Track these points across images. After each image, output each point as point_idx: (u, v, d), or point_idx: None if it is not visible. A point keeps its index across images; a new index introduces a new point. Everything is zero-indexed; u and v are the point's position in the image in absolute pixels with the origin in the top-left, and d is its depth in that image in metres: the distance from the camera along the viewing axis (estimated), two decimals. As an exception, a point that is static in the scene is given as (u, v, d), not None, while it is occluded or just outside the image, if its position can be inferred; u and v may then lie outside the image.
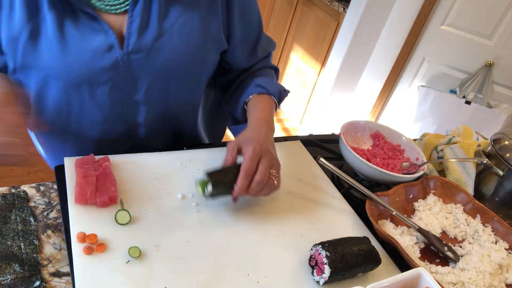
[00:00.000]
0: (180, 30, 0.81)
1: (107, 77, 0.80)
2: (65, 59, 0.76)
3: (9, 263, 0.64)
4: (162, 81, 0.85)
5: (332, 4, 2.59)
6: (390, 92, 2.53)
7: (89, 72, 0.78)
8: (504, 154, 0.98)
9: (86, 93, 0.82)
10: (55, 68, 0.77)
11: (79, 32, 0.76)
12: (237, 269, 0.68)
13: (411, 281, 0.67)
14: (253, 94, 0.92)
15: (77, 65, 0.77)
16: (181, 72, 0.85)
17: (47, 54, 0.76)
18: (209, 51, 0.88)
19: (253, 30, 0.94)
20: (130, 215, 0.71)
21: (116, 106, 0.85)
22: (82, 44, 0.76)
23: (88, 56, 0.77)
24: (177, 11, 0.80)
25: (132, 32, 0.78)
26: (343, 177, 0.87)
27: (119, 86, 0.82)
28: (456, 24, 2.21)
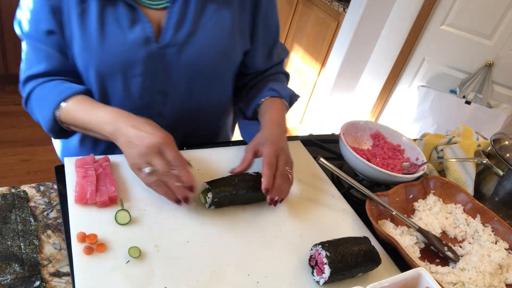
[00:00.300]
0: (212, 27, 0.86)
1: (142, 68, 0.84)
2: (103, 48, 0.81)
3: (9, 263, 0.64)
4: (190, 74, 0.89)
5: (332, 4, 2.58)
6: (390, 92, 2.53)
7: (125, 63, 0.83)
8: (504, 154, 0.98)
9: (120, 82, 0.86)
10: (93, 57, 0.81)
11: (119, 23, 0.80)
12: (237, 269, 0.68)
13: (411, 281, 0.67)
14: (266, 97, 0.96)
15: (114, 55, 0.82)
16: (209, 68, 0.90)
17: (87, 42, 0.80)
18: (236, 49, 0.92)
19: (272, 35, 1.00)
20: (130, 215, 0.71)
21: (145, 96, 0.89)
22: (120, 35, 0.80)
23: (126, 47, 0.81)
24: (211, 10, 0.85)
25: (169, 27, 0.83)
26: (343, 177, 0.87)
27: (151, 77, 0.86)
28: (456, 24, 2.21)
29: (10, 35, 2.52)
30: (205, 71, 0.90)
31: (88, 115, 0.77)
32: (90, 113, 0.77)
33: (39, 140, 2.45)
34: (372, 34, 2.46)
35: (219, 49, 0.88)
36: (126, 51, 0.82)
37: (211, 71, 0.91)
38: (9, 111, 2.61)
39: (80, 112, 0.78)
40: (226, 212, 0.79)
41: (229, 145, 0.98)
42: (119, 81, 0.86)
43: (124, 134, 0.72)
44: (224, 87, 0.99)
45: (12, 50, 2.58)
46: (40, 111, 0.83)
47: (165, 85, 0.89)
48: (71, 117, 0.79)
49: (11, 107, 2.65)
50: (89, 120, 0.77)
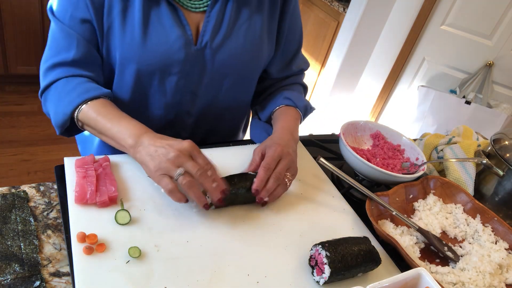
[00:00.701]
0: (245, 32, 0.89)
1: (178, 68, 0.87)
2: (145, 46, 0.83)
3: (9, 263, 0.64)
4: (221, 76, 0.92)
5: (332, 4, 2.59)
6: (390, 92, 2.53)
7: (164, 62, 0.85)
8: (504, 154, 0.98)
9: (157, 80, 0.88)
10: (134, 54, 0.83)
11: (161, 23, 0.82)
12: (237, 269, 0.68)
13: (411, 281, 0.67)
14: (282, 105, 0.99)
15: (155, 54, 0.84)
16: (238, 70, 0.93)
17: (129, 39, 0.82)
18: (263, 54, 0.96)
19: (294, 44, 1.03)
20: (130, 215, 0.71)
21: (177, 95, 0.92)
22: (162, 35, 0.82)
23: (166, 46, 0.84)
24: (245, 15, 0.89)
25: (207, 30, 0.86)
26: (343, 177, 0.87)
27: (185, 77, 0.89)
28: (456, 24, 2.21)
29: (10, 35, 2.52)
30: (235, 74, 0.93)
31: (112, 123, 0.77)
32: (113, 122, 0.78)
33: (39, 140, 2.45)
34: (372, 34, 2.46)
35: (250, 52, 0.92)
36: (167, 51, 0.84)
37: (240, 74, 0.94)
38: (9, 111, 2.61)
39: (102, 117, 0.78)
40: (226, 212, 0.79)
41: (230, 144, 0.98)
42: (156, 79, 0.88)
43: (149, 146, 0.72)
44: (249, 89, 1.03)
45: (12, 50, 2.58)
46: (57, 103, 0.82)
47: (196, 85, 0.92)
48: (91, 118, 0.79)
49: (11, 107, 2.65)
50: (110, 128, 0.77)
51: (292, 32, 1.00)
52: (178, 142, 0.72)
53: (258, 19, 0.90)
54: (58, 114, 0.82)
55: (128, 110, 0.91)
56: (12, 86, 2.81)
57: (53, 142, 2.48)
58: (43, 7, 2.51)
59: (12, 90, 2.79)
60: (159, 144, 0.72)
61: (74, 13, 0.81)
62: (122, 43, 0.83)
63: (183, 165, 0.70)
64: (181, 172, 0.69)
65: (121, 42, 0.83)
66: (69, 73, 0.83)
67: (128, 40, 0.83)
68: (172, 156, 0.69)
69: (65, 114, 0.80)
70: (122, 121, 0.78)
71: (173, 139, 0.74)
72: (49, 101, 0.85)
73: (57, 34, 0.83)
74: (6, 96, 2.73)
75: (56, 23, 0.83)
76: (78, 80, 0.83)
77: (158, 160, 0.70)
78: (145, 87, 0.90)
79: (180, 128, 1.00)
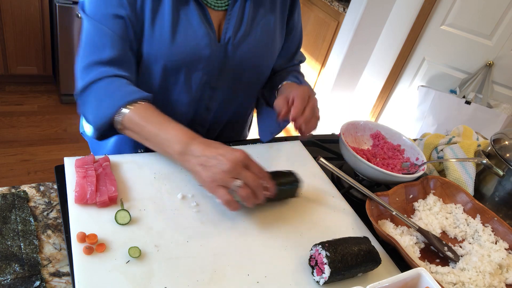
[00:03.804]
0: (261, 30, 0.95)
1: (203, 64, 0.90)
2: (174, 42, 0.85)
3: (9, 263, 0.64)
4: (240, 71, 0.96)
5: (332, 4, 2.59)
6: (390, 92, 2.53)
7: (190, 58, 0.88)
8: (504, 154, 0.98)
9: (183, 76, 0.91)
10: (163, 51, 0.86)
11: (189, 21, 0.85)
12: (237, 269, 0.68)
13: (411, 281, 0.67)
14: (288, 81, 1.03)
15: (182, 50, 0.87)
16: (255, 66, 0.98)
17: (158, 35, 0.84)
18: (276, 47, 1.02)
19: (297, 39, 1.10)
20: (130, 215, 0.71)
21: (198, 91, 0.95)
22: (189, 32, 0.85)
23: (193, 43, 0.87)
24: (261, 14, 0.94)
25: (229, 27, 0.90)
26: (343, 177, 0.87)
27: (208, 73, 0.93)
28: (456, 24, 2.21)
29: (10, 35, 2.52)
30: (252, 69, 0.98)
31: (158, 129, 0.77)
32: (161, 127, 0.77)
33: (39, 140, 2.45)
34: (372, 34, 2.46)
35: (266, 49, 0.97)
36: (194, 47, 0.87)
37: (256, 69, 0.99)
38: (9, 111, 2.61)
39: (149, 122, 0.77)
40: (226, 212, 0.79)
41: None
42: (182, 76, 0.91)
43: (199, 155, 0.72)
44: (262, 82, 1.07)
45: (12, 50, 2.58)
46: (98, 106, 0.81)
47: (216, 81, 0.95)
48: (136, 123, 0.78)
49: (11, 107, 2.65)
50: (157, 133, 0.76)
51: (297, 29, 1.07)
52: (230, 151, 0.71)
53: (271, 17, 0.96)
54: (98, 116, 0.80)
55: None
56: (12, 86, 2.81)
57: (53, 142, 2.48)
58: (43, 7, 2.51)
59: (12, 90, 2.79)
60: (210, 153, 0.71)
61: (106, 9, 0.81)
62: (151, 40, 0.85)
63: (239, 176, 0.70)
64: (239, 184, 0.70)
65: (149, 39, 0.85)
66: (107, 73, 0.82)
67: (157, 37, 0.84)
68: (227, 168, 0.69)
69: (106, 117, 0.79)
70: (168, 127, 0.77)
71: (222, 146, 0.73)
72: (89, 102, 0.83)
73: (91, 32, 0.82)
74: (6, 96, 2.73)
75: (88, 20, 0.82)
76: (119, 82, 0.82)
77: (212, 171, 0.70)
78: (171, 83, 0.92)
79: (198, 124, 1.02)
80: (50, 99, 2.79)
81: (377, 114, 2.62)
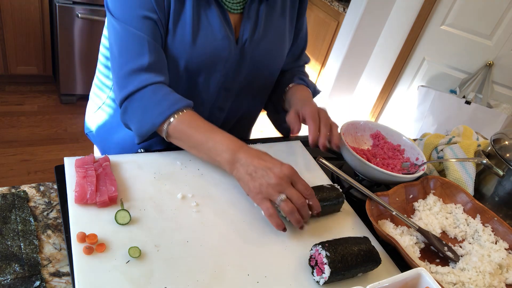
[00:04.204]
0: (274, 33, 0.97)
1: (222, 66, 0.92)
2: (195, 45, 0.86)
3: (9, 263, 0.64)
4: (255, 72, 0.98)
5: (332, 4, 2.59)
6: (390, 92, 2.53)
7: (211, 60, 0.89)
8: (504, 154, 0.98)
9: (203, 78, 0.92)
10: (184, 52, 0.86)
11: (209, 22, 0.86)
12: (237, 269, 0.68)
13: (411, 281, 0.67)
14: (294, 83, 1.05)
15: (203, 52, 0.87)
16: (267, 68, 1.00)
17: (180, 36, 0.85)
18: (285, 50, 1.04)
19: (303, 41, 1.11)
20: (130, 215, 0.71)
21: (214, 91, 0.96)
22: (210, 33, 0.87)
23: (214, 45, 0.88)
24: (274, 17, 0.96)
25: (245, 30, 0.92)
26: (343, 177, 0.87)
27: (224, 75, 0.94)
28: (456, 24, 2.21)
29: (10, 35, 2.52)
30: (266, 70, 1.00)
31: (206, 137, 0.78)
32: (208, 136, 0.79)
33: (39, 140, 2.45)
34: (372, 34, 2.46)
35: (278, 51, 1.00)
36: (214, 49, 0.88)
37: (268, 71, 1.01)
38: (9, 111, 2.61)
39: (196, 131, 0.79)
40: (226, 213, 0.79)
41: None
42: (202, 77, 0.92)
43: (247, 165, 0.74)
44: (272, 84, 1.09)
45: (12, 50, 2.58)
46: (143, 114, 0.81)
47: (232, 82, 0.97)
48: (183, 132, 0.79)
49: (11, 107, 2.65)
50: (205, 142, 0.78)
51: (303, 30, 1.09)
52: (278, 165, 0.74)
53: (283, 21, 0.98)
54: (144, 124, 0.81)
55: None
56: (12, 86, 2.81)
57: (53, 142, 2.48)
58: (43, 7, 2.51)
59: (12, 90, 2.79)
60: (258, 164, 0.74)
61: (136, 11, 0.80)
62: (173, 41, 0.85)
63: (284, 192, 0.72)
64: (283, 198, 0.72)
65: (171, 40, 0.85)
66: (150, 80, 0.82)
67: (179, 38, 0.85)
68: (274, 183, 0.72)
69: (153, 125, 0.80)
70: (215, 135, 0.79)
71: (270, 158, 0.76)
72: (134, 110, 0.83)
73: (125, 37, 0.81)
74: (6, 96, 2.73)
75: (119, 24, 0.81)
76: (163, 90, 0.82)
77: (258, 182, 0.73)
78: (191, 84, 0.93)
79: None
80: (50, 99, 2.79)
81: (377, 114, 2.62)
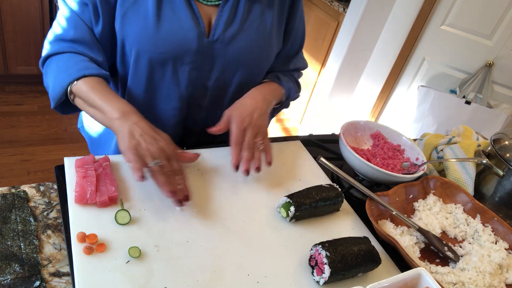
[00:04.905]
0: (257, 28, 0.92)
1: (191, 59, 0.89)
2: (158, 35, 0.84)
3: (9, 263, 0.64)
4: (232, 69, 0.94)
5: (332, 4, 2.59)
6: (390, 92, 2.53)
7: (176, 51, 0.87)
8: (504, 154, 0.98)
9: (170, 70, 0.90)
10: (147, 42, 0.85)
11: (174, 13, 0.85)
12: (237, 269, 0.68)
13: (411, 281, 0.67)
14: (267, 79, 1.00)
15: (167, 43, 0.85)
16: (249, 64, 0.95)
17: (142, 27, 0.84)
18: (273, 49, 0.98)
19: (296, 44, 1.06)
20: (130, 215, 0.71)
21: (189, 87, 0.93)
22: (175, 25, 0.85)
23: (179, 36, 0.85)
24: (257, 11, 0.91)
25: (219, 24, 0.88)
26: (343, 177, 0.87)
27: (197, 69, 0.91)
28: (456, 24, 2.21)
29: (10, 35, 2.52)
30: (245, 69, 0.95)
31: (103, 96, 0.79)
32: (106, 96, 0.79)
33: (39, 140, 2.45)
34: (372, 34, 2.46)
35: (261, 48, 0.94)
36: (180, 40, 0.85)
37: (250, 69, 0.96)
38: (9, 111, 2.61)
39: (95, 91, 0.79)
40: (226, 213, 0.79)
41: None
42: (169, 69, 0.89)
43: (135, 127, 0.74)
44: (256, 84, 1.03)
45: (12, 50, 2.58)
46: (56, 76, 0.83)
47: (207, 78, 0.94)
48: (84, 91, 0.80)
49: (11, 107, 2.65)
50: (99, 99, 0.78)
51: (297, 32, 1.03)
52: (164, 141, 0.75)
53: (269, 16, 0.93)
54: (56, 85, 0.82)
55: (144, 102, 0.94)
56: (12, 86, 2.81)
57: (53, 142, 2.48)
58: (43, 7, 2.51)
59: (12, 90, 2.79)
60: (146, 131, 0.74)
61: None
62: (135, 31, 0.85)
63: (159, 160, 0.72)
64: (158, 163, 0.72)
65: (134, 30, 0.85)
66: (72, 49, 0.84)
67: (141, 28, 0.84)
68: (153, 150, 0.72)
69: (62, 87, 0.81)
70: (114, 97, 0.80)
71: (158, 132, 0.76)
72: (50, 72, 0.85)
73: (62, 11, 0.85)
74: (6, 96, 2.73)
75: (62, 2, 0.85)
76: (80, 58, 0.84)
77: (138, 141, 0.72)
78: (159, 78, 0.91)
79: (191, 123, 1.01)
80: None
81: (377, 114, 2.62)
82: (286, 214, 0.79)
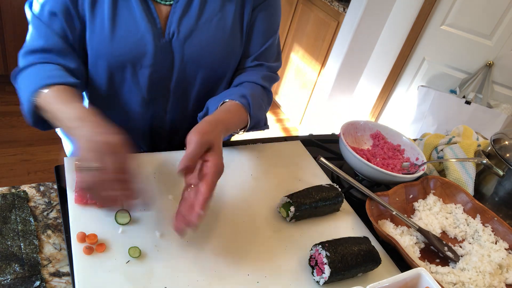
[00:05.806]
0: (216, 24, 0.87)
1: (149, 61, 0.86)
2: (114, 39, 0.82)
3: (9, 263, 0.64)
4: (192, 69, 0.90)
5: (332, 4, 2.59)
6: (390, 92, 2.53)
7: (133, 54, 0.85)
8: (504, 154, 0.98)
9: (129, 74, 0.88)
10: (103, 47, 0.83)
11: (131, 15, 0.82)
12: (237, 269, 0.68)
13: (411, 281, 0.67)
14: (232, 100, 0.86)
15: (124, 46, 0.83)
16: (210, 63, 0.90)
17: (99, 31, 0.82)
18: (236, 46, 0.93)
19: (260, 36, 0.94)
20: (130, 215, 0.71)
21: (151, 90, 0.91)
22: (131, 27, 0.82)
23: (135, 38, 0.83)
24: (216, 7, 0.87)
25: (172, 21, 0.85)
26: (343, 177, 0.87)
27: (157, 71, 0.88)
28: (456, 24, 2.21)
29: (10, 35, 2.52)
30: (207, 67, 0.91)
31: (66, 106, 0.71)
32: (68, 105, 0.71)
33: (39, 140, 2.45)
34: (372, 34, 2.46)
35: (221, 45, 0.89)
36: (136, 42, 0.83)
37: (213, 68, 0.91)
38: (9, 111, 2.61)
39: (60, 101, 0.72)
40: (226, 213, 0.79)
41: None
42: (129, 73, 0.87)
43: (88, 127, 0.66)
44: (223, 85, 0.98)
45: (12, 50, 2.58)
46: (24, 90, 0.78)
47: (168, 80, 0.91)
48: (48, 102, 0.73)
49: (11, 107, 2.65)
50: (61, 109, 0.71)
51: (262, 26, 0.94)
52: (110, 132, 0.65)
53: (229, 11, 0.88)
54: (24, 100, 0.77)
55: (108, 107, 0.92)
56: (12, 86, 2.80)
57: (53, 142, 2.47)
58: (43, 7, 2.51)
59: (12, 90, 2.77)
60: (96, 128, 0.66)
61: (44, 7, 0.80)
62: (92, 37, 0.82)
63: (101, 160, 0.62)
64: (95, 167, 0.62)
65: (91, 36, 0.82)
66: (43, 59, 0.81)
67: (98, 33, 0.82)
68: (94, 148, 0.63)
69: (28, 100, 0.75)
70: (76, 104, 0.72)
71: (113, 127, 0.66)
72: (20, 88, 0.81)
73: (31, 24, 0.83)
74: (6, 96, 2.72)
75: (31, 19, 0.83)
76: (49, 67, 0.80)
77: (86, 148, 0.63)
78: (119, 82, 0.89)
79: (158, 126, 0.99)
80: (50, 99, 2.79)
81: (377, 114, 2.62)
82: (286, 214, 0.79)
